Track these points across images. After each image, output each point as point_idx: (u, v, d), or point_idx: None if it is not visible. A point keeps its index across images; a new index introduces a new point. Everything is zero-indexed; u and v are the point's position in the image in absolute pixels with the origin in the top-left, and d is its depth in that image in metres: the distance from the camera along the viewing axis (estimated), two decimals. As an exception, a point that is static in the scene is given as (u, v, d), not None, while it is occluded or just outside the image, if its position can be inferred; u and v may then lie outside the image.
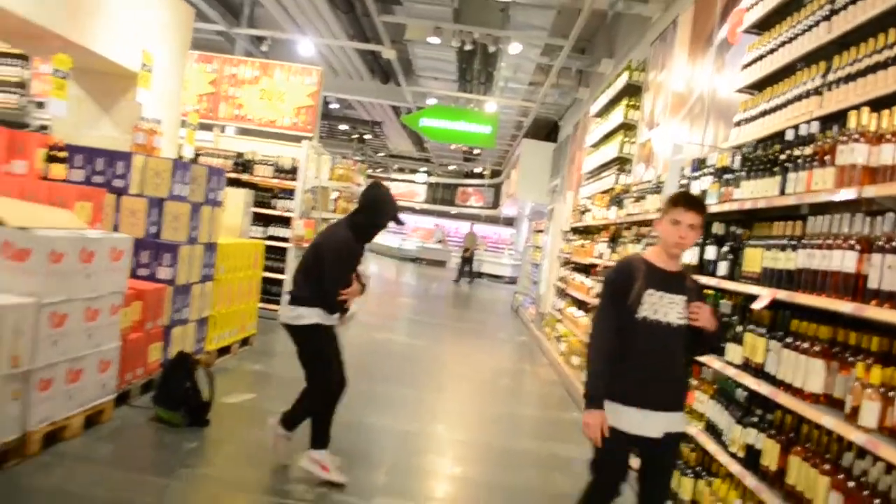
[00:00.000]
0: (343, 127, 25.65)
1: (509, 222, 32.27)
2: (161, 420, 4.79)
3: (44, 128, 9.39)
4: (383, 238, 30.24)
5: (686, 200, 3.07)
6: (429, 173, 36.40)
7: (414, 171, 36.79)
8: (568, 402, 7.20)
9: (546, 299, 11.34)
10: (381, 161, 34.75)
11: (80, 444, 4.20)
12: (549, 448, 5.65)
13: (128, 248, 4.61)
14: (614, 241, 7.13)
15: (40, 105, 10.92)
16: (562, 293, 9.97)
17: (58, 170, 4.94)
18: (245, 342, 7.50)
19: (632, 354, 2.99)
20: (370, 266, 18.25)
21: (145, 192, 5.47)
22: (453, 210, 35.22)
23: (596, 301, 7.24)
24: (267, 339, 8.03)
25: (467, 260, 22.23)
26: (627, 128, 8.61)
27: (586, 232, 9.11)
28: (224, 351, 6.89)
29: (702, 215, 3.03)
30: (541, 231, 13.69)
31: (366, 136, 26.67)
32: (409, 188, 37.18)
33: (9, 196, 4.40)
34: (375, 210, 4.23)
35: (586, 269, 8.44)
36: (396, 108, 20.25)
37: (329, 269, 4.11)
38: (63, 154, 5.03)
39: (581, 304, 8.55)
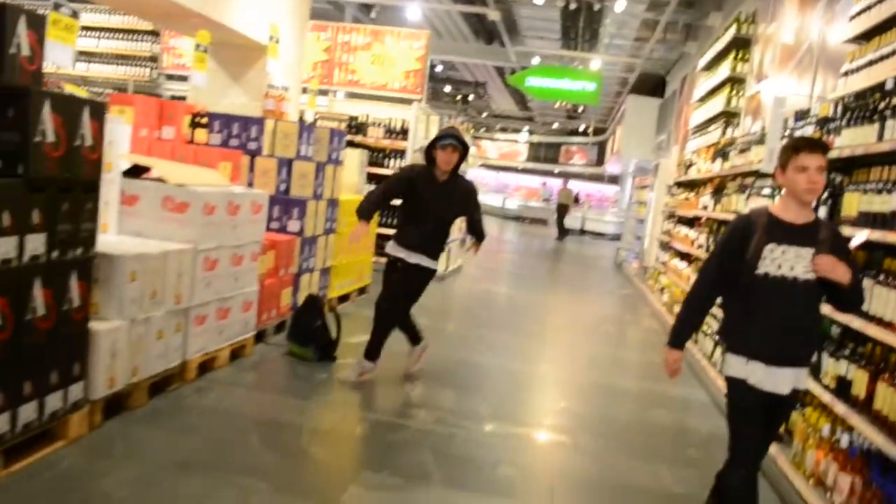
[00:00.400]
0: (447, 88, 26.01)
1: (613, 180, 31.90)
2: (294, 355, 5.37)
3: (175, 97, 10.24)
4: (486, 198, 30.58)
5: (808, 143, 2.91)
6: (531, 132, 36.31)
7: (516, 131, 36.79)
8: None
9: (650, 253, 11.45)
10: (484, 121, 34.94)
11: (227, 373, 4.81)
12: (650, 387, 5.94)
13: (265, 202, 5.17)
14: (718, 193, 7.22)
15: (170, 77, 11.85)
16: (666, 246, 10.07)
17: (201, 135, 5.55)
18: (362, 291, 8.09)
19: (756, 311, 2.91)
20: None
21: (276, 153, 6.04)
22: (556, 168, 35.07)
23: (699, 252, 7.38)
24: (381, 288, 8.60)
25: (562, 216, 22.30)
26: (735, 81, 8.55)
27: (691, 186, 9.16)
28: (344, 298, 7.48)
29: (826, 155, 2.90)
30: (645, 187, 13.69)
31: (469, 97, 26.93)
32: (511, 148, 37.23)
33: (162, 158, 5.03)
34: None
35: (690, 222, 8.52)
36: (500, 68, 20.42)
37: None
38: (205, 121, 5.63)
39: (684, 256, 8.66)
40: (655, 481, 3.97)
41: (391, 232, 9.60)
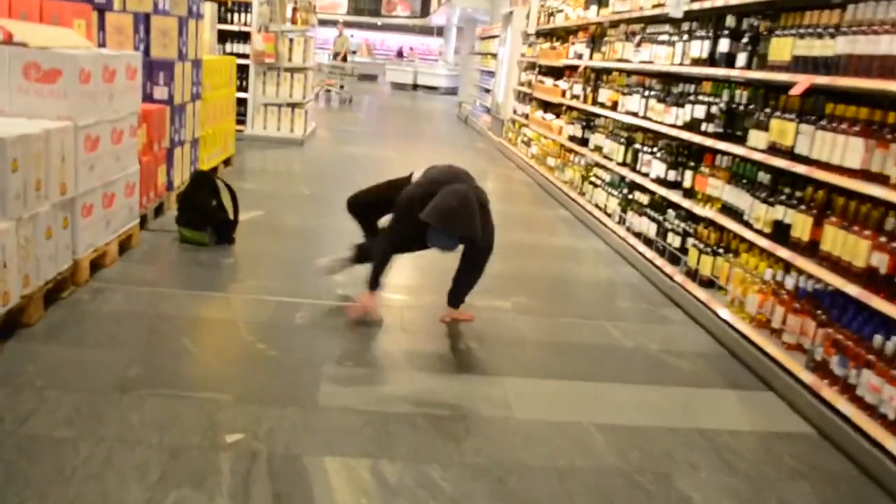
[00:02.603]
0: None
1: (441, 32, 31.26)
2: (187, 241, 4.80)
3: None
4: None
5: None
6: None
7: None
8: (548, 200, 7.60)
9: (505, 106, 11.40)
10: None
11: (121, 269, 4.19)
12: (538, 239, 6.02)
13: (139, 65, 4.41)
14: (594, 41, 7.16)
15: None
16: (526, 98, 10.03)
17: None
18: (227, 162, 7.43)
19: None
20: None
21: (128, 7, 5.13)
22: (379, 21, 33.70)
23: (575, 102, 7.36)
24: (242, 158, 7.98)
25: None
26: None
27: (553, 35, 9.05)
28: (213, 171, 6.82)
29: None
30: (492, 37, 13.44)
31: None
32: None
33: (1, 16, 4.09)
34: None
35: (558, 72, 8.48)
36: None
37: None
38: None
39: (549, 106, 8.67)
40: (606, 337, 4.05)
41: (244, 96, 8.85)
